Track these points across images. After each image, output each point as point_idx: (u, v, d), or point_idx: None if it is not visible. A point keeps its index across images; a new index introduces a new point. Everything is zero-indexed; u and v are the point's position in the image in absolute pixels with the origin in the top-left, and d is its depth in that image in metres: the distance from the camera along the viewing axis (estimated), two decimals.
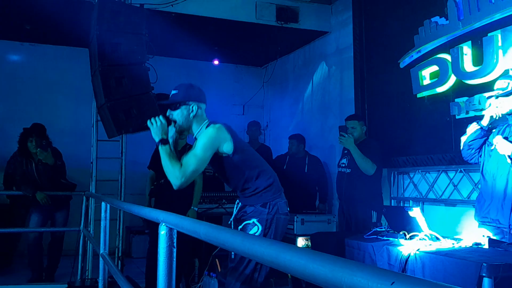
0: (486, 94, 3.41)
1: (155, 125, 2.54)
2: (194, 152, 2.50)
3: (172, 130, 2.61)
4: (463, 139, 3.19)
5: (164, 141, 2.51)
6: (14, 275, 5.36)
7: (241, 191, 2.68)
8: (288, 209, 2.73)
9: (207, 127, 2.60)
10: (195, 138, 2.64)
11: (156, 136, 2.53)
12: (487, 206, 3.01)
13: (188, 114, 2.61)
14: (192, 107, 2.61)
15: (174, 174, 2.45)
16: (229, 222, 2.78)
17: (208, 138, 2.51)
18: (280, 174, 5.84)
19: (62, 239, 5.22)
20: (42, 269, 5.06)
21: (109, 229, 3.25)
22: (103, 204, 3.29)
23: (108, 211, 3.24)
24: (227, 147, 2.56)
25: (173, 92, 2.66)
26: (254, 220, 2.55)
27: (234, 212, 2.74)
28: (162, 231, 1.67)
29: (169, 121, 2.60)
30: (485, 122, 3.07)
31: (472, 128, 3.11)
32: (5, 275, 5.31)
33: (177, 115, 2.61)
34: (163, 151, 2.49)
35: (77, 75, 6.27)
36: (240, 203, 2.72)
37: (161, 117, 2.58)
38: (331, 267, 0.80)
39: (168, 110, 2.63)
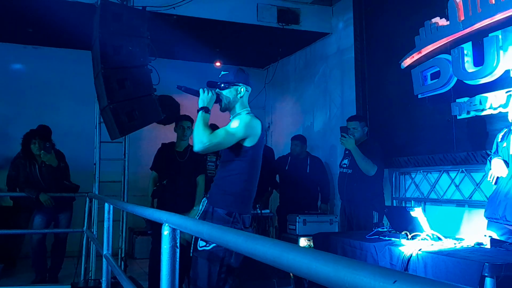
0: None
1: (206, 94, 2.67)
2: (226, 128, 2.64)
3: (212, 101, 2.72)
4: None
5: (206, 110, 2.66)
6: (18, 276, 5.38)
7: (221, 179, 2.73)
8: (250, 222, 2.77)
9: (247, 114, 2.73)
10: (230, 120, 2.76)
11: (202, 102, 2.67)
12: (497, 203, 3.03)
13: (236, 95, 2.75)
14: (241, 89, 2.75)
15: (201, 138, 2.56)
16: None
17: (244, 123, 2.64)
18: (282, 175, 5.91)
19: (65, 240, 5.24)
20: (46, 270, 5.08)
21: (112, 230, 3.25)
22: (106, 205, 3.30)
23: (111, 212, 3.25)
24: (251, 141, 2.66)
25: (224, 72, 2.79)
26: None
27: (200, 211, 2.76)
28: (165, 232, 1.68)
29: (217, 98, 2.73)
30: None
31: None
32: (10, 277, 5.33)
33: (226, 94, 2.75)
34: (201, 117, 2.63)
35: (80, 78, 6.28)
36: (206, 202, 2.75)
37: (213, 90, 2.72)
38: (334, 266, 0.81)
39: (217, 89, 2.76)
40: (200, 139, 2.56)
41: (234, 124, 2.64)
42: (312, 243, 4.16)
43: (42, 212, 5.02)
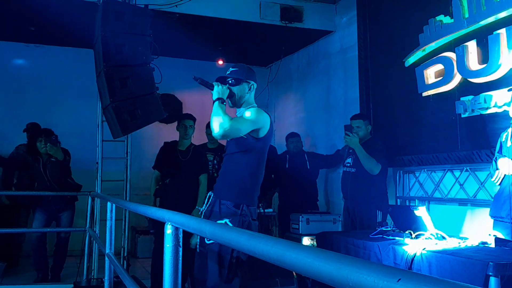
0: None
1: (220, 87, 2.70)
2: (243, 116, 2.69)
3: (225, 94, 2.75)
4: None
5: (222, 100, 2.68)
6: (21, 275, 5.38)
7: (227, 171, 2.76)
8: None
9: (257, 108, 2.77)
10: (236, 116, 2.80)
11: (218, 94, 2.69)
12: (502, 202, 3.01)
13: (247, 91, 2.80)
14: (251, 85, 2.81)
15: (221, 123, 2.57)
16: (200, 213, 2.81)
17: (258, 115, 2.68)
18: (281, 173, 5.90)
19: (67, 239, 5.23)
20: (48, 269, 5.07)
21: (115, 229, 3.25)
22: (108, 204, 3.30)
23: (113, 211, 3.25)
24: (261, 133, 2.69)
25: (232, 69, 2.82)
26: (226, 220, 2.58)
27: (206, 205, 2.77)
28: (168, 231, 1.67)
29: (230, 93, 2.76)
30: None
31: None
32: (12, 276, 5.33)
33: (237, 90, 2.78)
34: (218, 106, 2.65)
35: (82, 76, 6.28)
36: (212, 196, 2.76)
37: (226, 85, 2.75)
38: (337, 264, 0.79)
39: (227, 85, 2.77)
40: (221, 123, 2.56)
41: (248, 113, 2.69)
42: (315, 243, 4.14)
43: (42, 211, 5.02)
